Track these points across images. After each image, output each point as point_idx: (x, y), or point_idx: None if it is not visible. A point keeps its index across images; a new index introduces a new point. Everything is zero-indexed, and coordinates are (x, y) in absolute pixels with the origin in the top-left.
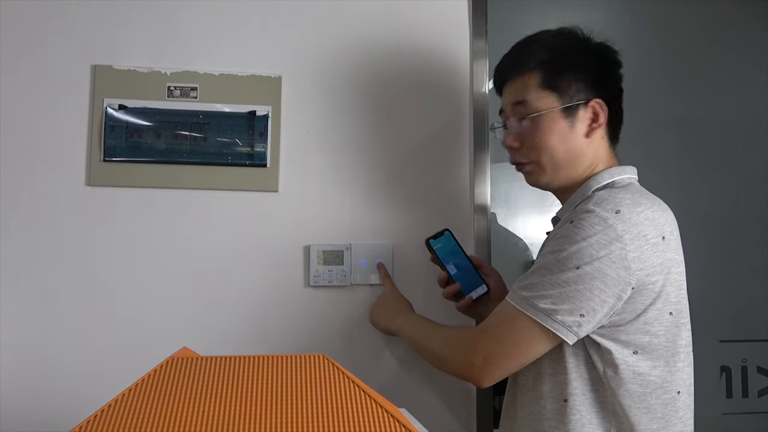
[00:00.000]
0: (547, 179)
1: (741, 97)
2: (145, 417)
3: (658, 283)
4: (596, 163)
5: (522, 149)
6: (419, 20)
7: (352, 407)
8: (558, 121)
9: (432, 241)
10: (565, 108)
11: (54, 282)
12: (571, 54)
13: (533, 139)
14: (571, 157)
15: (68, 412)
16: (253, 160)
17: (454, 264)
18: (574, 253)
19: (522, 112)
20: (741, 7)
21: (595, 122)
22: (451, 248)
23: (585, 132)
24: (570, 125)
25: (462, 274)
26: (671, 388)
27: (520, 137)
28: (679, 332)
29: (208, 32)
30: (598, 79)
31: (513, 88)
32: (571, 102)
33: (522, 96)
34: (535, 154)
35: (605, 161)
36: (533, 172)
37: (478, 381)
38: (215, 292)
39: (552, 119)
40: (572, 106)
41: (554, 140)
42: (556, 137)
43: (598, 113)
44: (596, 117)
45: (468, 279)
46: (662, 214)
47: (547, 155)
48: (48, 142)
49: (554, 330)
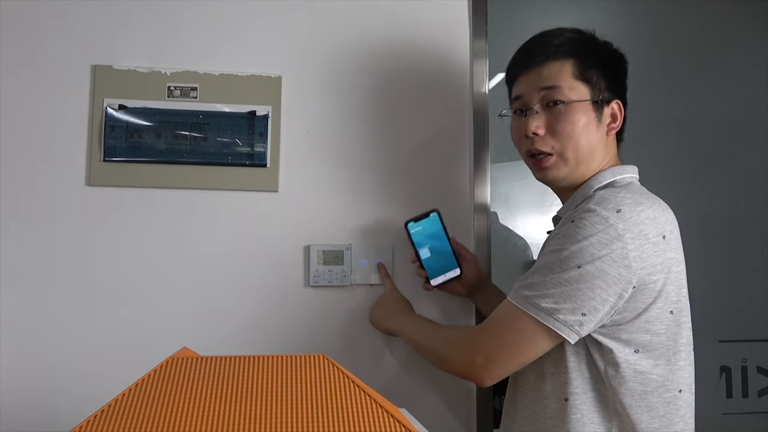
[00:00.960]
0: (565, 173)
1: (741, 97)
2: (145, 417)
3: (658, 282)
4: (606, 163)
5: (545, 137)
6: (419, 20)
7: (352, 407)
8: (589, 114)
9: (412, 224)
10: (595, 102)
11: (54, 282)
12: (598, 51)
13: (563, 128)
14: (591, 152)
15: (68, 412)
16: (253, 160)
17: (429, 248)
18: (575, 252)
19: (553, 97)
20: (741, 7)
21: (614, 122)
22: (432, 231)
23: (606, 130)
24: (598, 120)
25: (435, 258)
26: (672, 386)
27: (546, 124)
28: (680, 331)
29: (208, 32)
30: (617, 81)
31: (541, 74)
32: (599, 98)
33: (555, 82)
34: (560, 143)
35: (612, 162)
36: (554, 164)
37: (479, 380)
38: (215, 292)
39: (585, 110)
40: (600, 101)
41: (580, 130)
42: (586, 129)
43: (616, 114)
44: (614, 118)
45: (440, 263)
46: (663, 213)
47: (573, 146)
48: (48, 142)
49: (556, 329)
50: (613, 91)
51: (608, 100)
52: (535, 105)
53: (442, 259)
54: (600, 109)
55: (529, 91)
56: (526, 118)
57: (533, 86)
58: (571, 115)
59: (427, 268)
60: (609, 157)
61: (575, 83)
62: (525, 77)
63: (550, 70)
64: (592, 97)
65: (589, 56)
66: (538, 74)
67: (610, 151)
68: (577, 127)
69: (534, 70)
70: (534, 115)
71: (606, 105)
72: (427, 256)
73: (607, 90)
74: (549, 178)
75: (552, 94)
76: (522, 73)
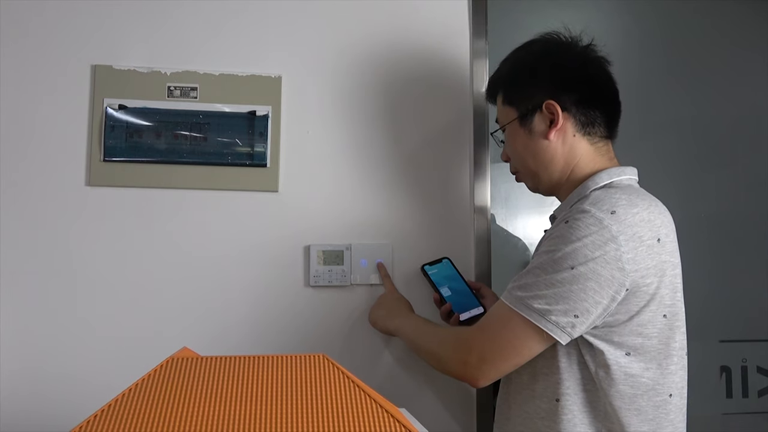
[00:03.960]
0: (535, 183)
1: (741, 97)
2: (145, 417)
3: (652, 285)
4: (575, 162)
5: (509, 161)
6: (419, 20)
7: (352, 407)
8: (518, 131)
9: (427, 267)
10: (522, 117)
11: (54, 282)
12: (526, 63)
13: (510, 151)
14: (541, 160)
15: (68, 411)
16: (253, 160)
17: (448, 287)
18: (568, 254)
19: (499, 129)
20: (741, 7)
21: (554, 122)
22: (447, 274)
23: (543, 134)
24: (527, 132)
25: (456, 296)
26: (663, 390)
27: (504, 150)
28: (672, 335)
29: (208, 32)
30: (553, 82)
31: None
32: (526, 110)
33: (498, 115)
34: (516, 162)
35: (588, 159)
36: (523, 180)
37: (473, 380)
38: (215, 292)
39: (513, 130)
40: (526, 114)
41: (519, 149)
42: (520, 146)
43: (554, 112)
44: (553, 116)
45: (462, 301)
46: (658, 216)
47: (521, 163)
48: (48, 142)
49: (548, 330)
50: (547, 93)
51: (538, 105)
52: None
53: (463, 297)
54: (529, 121)
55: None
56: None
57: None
58: (508, 139)
59: (451, 301)
60: (575, 154)
61: (505, 110)
62: None
63: (497, 106)
64: (518, 114)
65: (513, 76)
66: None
67: (577, 148)
68: (513, 146)
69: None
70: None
71: (538, 112)
72: (449, 294)
73: (538, 97)
74: (530, 189)
75: (500, 127)
76: None
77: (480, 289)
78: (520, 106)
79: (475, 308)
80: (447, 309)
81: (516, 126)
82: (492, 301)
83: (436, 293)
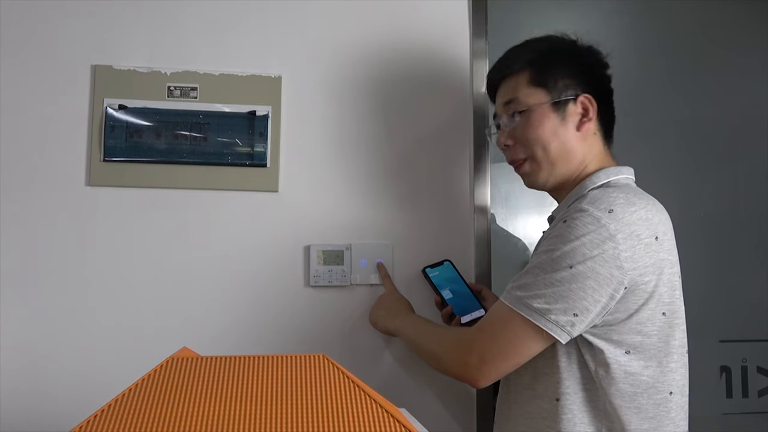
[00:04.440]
0: (543, 176)
1: (741, 97)
2: (145, 417)
3: (650, 284)
4: (589, 160)
5: (516, 146)
6: (419, 20)
7: (352, 407)
8: (548, 115)
9: (429, 269)
10: (555, 102)
11: (54, 282)
12: (557, 53)
13: (526, 134)
14: (564, 151)
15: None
16: (253, 160)
17: (450, 289)
18: (567, 253)
19: (513, 109)
20: (741, 8)
21: (586, 117)
22: (449, 276)
23: (576, 126)
24: (561, 119)
25: (458, 298)
26: (663, 388)
27: (513, 134)
28: (672, 333)
29: (208, 32)
30: (585, 76)
31: (504, 90)
32: (560, 97)
33: (512, 95)
34: (529, 149)
35: (598, 159)
36: (531, 170)
37: (473, 381)
38: (215, 292)
39: (542, 113)
40: (561, 101)
41: (546, 134)
42: (548, 131)
43: (587, 108)
44: (586, 112)
45: (464, 303)
46: (656, 214)
47: (540, 149)
48: (48, 142)
49: (548, 329)
50: (581, 86)
51: (574, 96)
52: (503, 117)
53: (465, 300)
54: (562, 108)
55: (499, 108)
56: (498, 133)
57: (500, 104)
58: (530, 121)
59: (453, 304)
60: (593, 153)
61: (531, 89)
62: (496, 95)
63: (509, 84)
64: (550, 98)
65: (546, 61)
66: (502, 92)
67: (593, 147)
68: (537, 130)
69: (500, 89)
70: (503, 129)
71: (572, 102)
72: (450, 296)
73: (572, 87)
74: (533, 183)
75: (511, 107)
76: (493, 94)
77: (481, 291)
78: (552, 91)
79: (476, 311)
80: (448, 311)
81: (547, 109)
82: (492, 303)
83: (438, 296)
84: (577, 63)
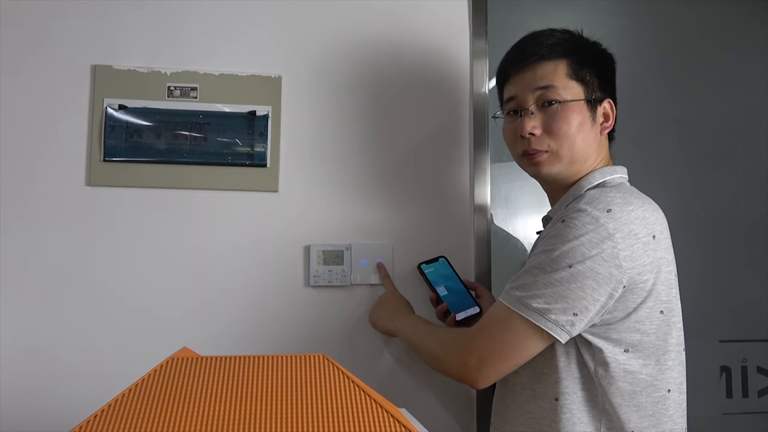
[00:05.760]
0: (558, 169)
1: (741, 97)
2: (145, 417)
3: (648, 282)
4: (598, 162)
5: (541, 137)
6: (419, 20)
7: (352, 407)
8: (584, 113)
9: (424, 265)
10: (589, 101)
11: (54, 282)
12: (590, 51)
13: (559, 127)
14: (586, 151)
15: (68, 411)
16: (253, 160)
17: (445, 286)
18: (566, 252)
19: (548, 97)
20: (741, 7)
21: (606, 122)
22: (444, 273)
23: (600, 128)
24: (592, 119)
25: (453, 295)
26: (662, 386)
27: (542, 124)
28: (669, 331)
29: (208, 32)
30: (608, 80)
31: (535, 74)
32: (593, 97)
33: (549, 81)
34: (556, 143)
35: (604, 162)
36: (547, 160)
37: (473, 382)
38: (215, 292)
39: (580, 110)
40: (594, 100)
41: (574, 129)
42: (581, 129)
43: (608, 113)
44: (607, 117)
45: (459, 300)
46: (653, 213)
47: (568, 145)
48: (48, 142)
49: (547, 329)
50: (605, 90)
51: (600, 99)
52: (531, 105)
53: (460, 297)
54: (594, 109)
55: (524, 91)
56: (522, 119)
57: (527, 87)
58: (566, 115)
59: (448, 301)
60: (602, 156)
61: (570, 83)
62: (518, 78)
63: (545, 70)
64: (586, 96)
65: (581, 56)
66: (532, 74)
67: (603, 150)
68: (572, 126)
69: (528, 71)
70: (530, 116)
71: (599, 104)
72: (445, 293)
73: (599, 89)
74: (542, 174)
75: (547, 94)
76: (515, 73)
77: (476, 289)
78: (587, 89)
79: (471, 308)
80: (443, 309)
81: (583, 106)
82: (488, 302)
83: (433, 292)
84: (605, 66)
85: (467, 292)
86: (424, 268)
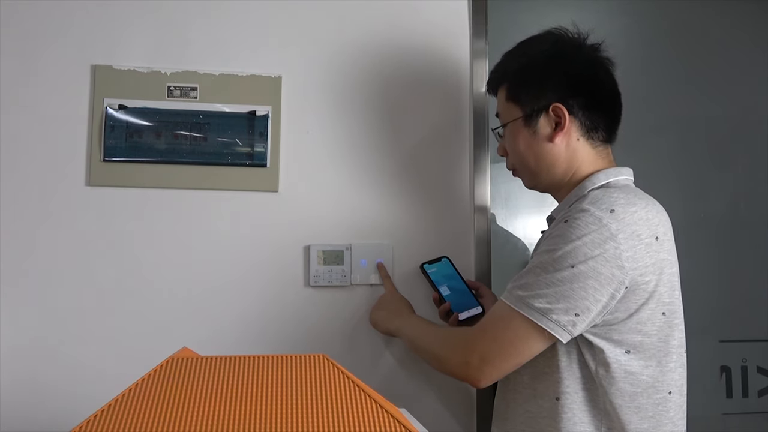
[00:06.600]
0: (533, 182)
1: (741, 97)
2: (145, 417)
3: (651, 283)
4: (576, 165)
5: (508, 157)
6: (419, 20)
7: (352, 407)
8: (521, 130)
9: (426, 265)
10: (526, 116)
11: (54, 282)
12: (537, 64)
13: (509, 147)
14: (543, 162)
15: (68, 411)
16: (253, 160)
17: (447, 286)
18: (568, 252)
19: (499, 124)
20: (741, 8)
21: (559, 125)
22: (447, 273)
23: (548, 137)
24: (532, 132)
25: (455, 295)
26: (662, 388)
27: (503, 146)
28: (671, 332)
29: (208, 32)
30: (559, 84)
31: (497, 101)
32: (532, 110)
33: (498, 109)
34: (514, 160)
35: (588, 162)
36: (521, 176)
37: (474, 381)
38: (215, 292)
39: (516, 129)
40: (532, 114)
41: (521, 148)
42: (522, 145)
43: (560, 115)
44: (560, 121)
45: (461, 300)
46: (656, 215)
47: (520, 161)
48: (48, 142)
49: (549, 329)
50: (557, 94)
51: (545, 107)
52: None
53: (462, 297)
54: (534, 121)
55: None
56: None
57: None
58: (509, 136)
59: (450, 300)
60: (580, 158)
61: (508, 105)
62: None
63: (498, 97)
64: (523, 113)
65: (521, 73)
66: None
67: (579, 152)
68: (518, 144)
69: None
70: (499, 139)
71: (543, 113)
72: (448, 293)
73: (546, 97)
74: (526, 186)
75: (499, 121)
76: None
77: (479, 288)
78: (525, 105)
79: (474, 308)
80: (446, 308)
81: (519, 125)
82: (490, 301)
83: (435, 292)
84: (555, 72)
85: (470, 291)
86: (427, 268)
